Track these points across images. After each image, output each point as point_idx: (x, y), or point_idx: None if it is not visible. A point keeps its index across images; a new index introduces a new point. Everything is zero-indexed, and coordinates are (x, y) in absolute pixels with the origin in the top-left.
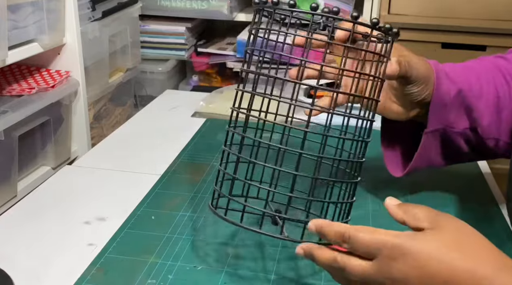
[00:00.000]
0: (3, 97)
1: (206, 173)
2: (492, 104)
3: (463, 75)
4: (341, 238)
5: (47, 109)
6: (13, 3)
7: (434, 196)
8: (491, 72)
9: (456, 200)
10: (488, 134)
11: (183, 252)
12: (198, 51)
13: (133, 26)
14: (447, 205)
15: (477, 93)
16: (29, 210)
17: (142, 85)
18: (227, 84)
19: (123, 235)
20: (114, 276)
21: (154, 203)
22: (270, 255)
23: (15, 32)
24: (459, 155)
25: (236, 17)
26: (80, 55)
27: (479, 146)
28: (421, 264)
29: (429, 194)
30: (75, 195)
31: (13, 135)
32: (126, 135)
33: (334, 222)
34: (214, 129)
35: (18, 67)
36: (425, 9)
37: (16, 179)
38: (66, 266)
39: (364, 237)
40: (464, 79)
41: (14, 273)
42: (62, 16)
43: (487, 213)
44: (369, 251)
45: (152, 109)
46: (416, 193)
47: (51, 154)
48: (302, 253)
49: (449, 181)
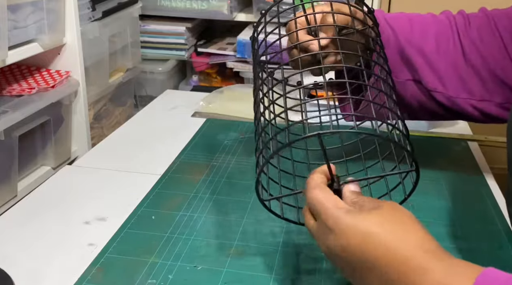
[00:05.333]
0: (3, 97)
1: (206, 173)
2: (433, 58)
3: (406, 25)
4: (307, 187)
5: (47, 109)
6: (13, 3)
7: (433, 199)
8: (436, 24)
9: (456, 201)
10: (434, 87)
11: (183, 252)
12: (198, 51)
13: (133, 26)
14: (447, 205)
15: (417, 46)
16: (29, 210)
17: (142, 85)
18: (227, 84)
19: (123, 235)
20: (114, 276)
21: (154, 203)
22: (270, 255)
23: (15, 32)
24: (415, 109)
25: (236, 17)
26: (80, 55)
27: (429, 99)
28: (347, 238)
29: (429, 196)
30: (75, 195)
31: (13, 135)
32: (126, 135)
33: (323, 169)
34: (214, 129)
35: (18, 67)
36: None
37: (16, 179)
38: (66, 266)
39: (313, 194)
40: (405, 29)
41: (14, 273)
42: (62, 16)
43: (487, 213)
44: (312, 210)
45: (152, 109)
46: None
47: (51, 154)
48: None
49: (450, 181)
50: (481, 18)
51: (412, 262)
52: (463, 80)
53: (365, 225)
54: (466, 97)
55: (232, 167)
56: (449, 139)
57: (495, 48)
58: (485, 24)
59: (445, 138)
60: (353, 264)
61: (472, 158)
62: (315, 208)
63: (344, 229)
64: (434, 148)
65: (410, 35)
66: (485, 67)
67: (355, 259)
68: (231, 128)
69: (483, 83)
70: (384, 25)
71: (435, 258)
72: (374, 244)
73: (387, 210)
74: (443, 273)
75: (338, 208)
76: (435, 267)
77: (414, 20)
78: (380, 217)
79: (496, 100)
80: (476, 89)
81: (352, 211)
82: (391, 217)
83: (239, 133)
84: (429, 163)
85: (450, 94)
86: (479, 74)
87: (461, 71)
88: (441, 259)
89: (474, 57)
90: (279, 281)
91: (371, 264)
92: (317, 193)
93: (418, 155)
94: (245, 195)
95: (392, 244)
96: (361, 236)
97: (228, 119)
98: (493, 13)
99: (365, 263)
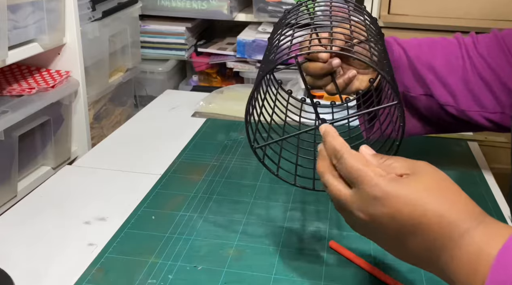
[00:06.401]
0: (3, 97)
1: (206, 173)
2: (443, 73)
3: (414, 43)
4: (333, 154)
5: (47, 109)
6: (13, 3)
7: None
8: (445, 43)
9: None
10: (445, 101)
11: (183, 252)
12: (198, 51)
13: (133, 26)
14: None
15: (427, 62)
16: (29, 210)
17: (142, 85)
18: (227, 84)
19: (123, 235)
20: (114, 276)
21: (154, 203)
22: (270, 254)
23: (15, 32)
24: (430, 121)
25: (236, 17)
26: (80, 55)
27: (440, 113)
28: (397, 208)
29: None
30: (75, 195)
31: (13, 135)
32: (126, 135)
33: (339, 137)
34: (214, 129)
35: (18, 67)
36: (425, 9)
37: (16, 179)
38: (66, 266)
39: (352, 163)
40: (414, 46)
41: (14, 273)
42: (62, 16)
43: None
44: (351, 179)
45: (152, 109)
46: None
47: (51, 154)
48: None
49: None
50: (489, 37)
51: (460, 227)
52: (474, 94)
53: (414, 194)
54: (478, 110)
55: (232, 167)
56: (449, 139)
57: (504, 61)
58: (493, 42)
59: (445, 138)
60: (398, 231)
61: (472, 158)
62: (352, 176)
63: (394, 199)
64: (434, 148)
65: (419, 51)
66: (496, 80)
67: (403, 226)
68: (231, 128)
69: (494, 96)
70: (394, 44)
71: (477, 222)
72: (424, 211)
73: (428, 174)
74: (483, 235)
75: (381, 176)
76: (476, 232)
77: (423, 40)
78: (425, 184)
79: (508, 112)
80: (488, 102)
81: (396, 179)
82: (435, 182)
83: (239, 133)
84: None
85: (462, 107)
86: (490, 87)
87: (472, 85)
88: (482, 223)
89: (484, 71)
90: (279, 281)
91: (419, 229)
92: (352, 161)
93: (418, 155)
94: (245, 195)
95: (441, 210)
96: (412, 205)
97: (228, 119)
98: (502, 33)
99: (412, 228)
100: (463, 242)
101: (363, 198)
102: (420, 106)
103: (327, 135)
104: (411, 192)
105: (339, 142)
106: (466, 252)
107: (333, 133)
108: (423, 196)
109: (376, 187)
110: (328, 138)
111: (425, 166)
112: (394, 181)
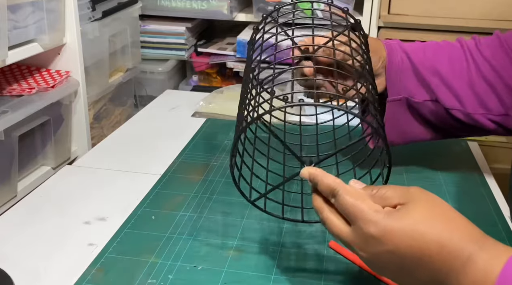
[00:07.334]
0: (3, 97)
1: (206, 173)
2: (448, 77)
3: (418, 48)
4: (330, 192)
5: (47, 109)
6: (13, 3)
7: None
8: (448, 47)
9: (456, 201)
10: (451, 105)
11: (183, 252)
12: (198, 51)
13: (133, 26)
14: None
15: (431, 67)
16: (29, 210)
17: (142, 85)
18: (227, 84)
19: (123, 235)
20: (114, 276)
21: (154, 203)
22: (270, 254)
23: (15, 32)
24: (435, 127)
25: (236, 17)
26: (80, 55)
27: (446, 117)
28: (394, 243)
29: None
30: (75, 195)
31: (13, 135)
32: (126, 135)
33: (329, 175)
34: (214, 129)
35: (18, 67)
36: (425, 9)
37: (16, 179)
38: (66, 266)
39: (347, 200)
40: (418, 51)
41: (14, 273)
42: (62, 16)
43: (487, 213)
44: (348, 216)
45: (152, 109)
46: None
47: (51, 154)
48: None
49: (450, 181)
50: (492, 39)
51: (462, 254)
52: (480, 97)
53: (410, 226)
54: (483, 112)
55: None
56: (449, 139)
57: (507, 63)
58: (496, 44)
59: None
60: (401, 264)
61: (472, 158)
62: (348, 212)
63: (390, 235)
64: (434, 148)
65: (423, 56)
66: (501, 81)
67: (404, 259)
68: (231, 128)
69: (499, 99)
70: (397, 49)
71: (478, 246)
72: (424, 243)
73: (423, 202)
74: (487, 260)
75: (375, 211)
76: (479, 256)
77: (427, 44)
78: (421, 214)
79: None
80: (493, 105)
81: (392, 213)
82: (431, 210)
83: None
84: (429, 163)
85: (468, 111)
86: (495, 90)
87: (477, 88)
88: (484, 247)
89: (488, 73)
90: (279, 281)
91: (422, 261)
92: (347, 197)
93: (418, 155)
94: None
95: (441, 240)
96: (410, 238)
97: (228, 119)
98: (505, 35)
99: (415, 260)
100: (467, 270)
101: (361, 237)
102: (425, 112)
103: (316, 176)
104: (406, 225)
105: (331, 180)
106: (472, 276)
107: (320, 173)
108: (419, 228)
109: (371, 223)
110: (317, 178)
111: (419, 193)
112: (388, 216)
